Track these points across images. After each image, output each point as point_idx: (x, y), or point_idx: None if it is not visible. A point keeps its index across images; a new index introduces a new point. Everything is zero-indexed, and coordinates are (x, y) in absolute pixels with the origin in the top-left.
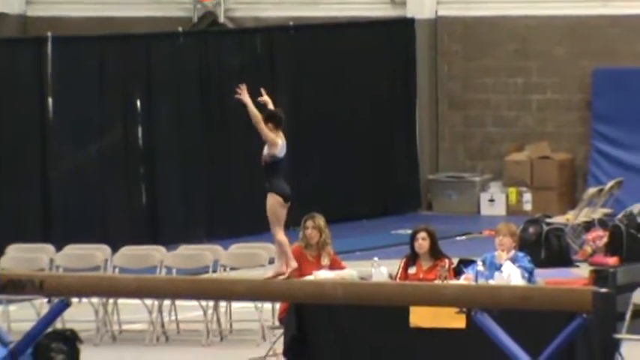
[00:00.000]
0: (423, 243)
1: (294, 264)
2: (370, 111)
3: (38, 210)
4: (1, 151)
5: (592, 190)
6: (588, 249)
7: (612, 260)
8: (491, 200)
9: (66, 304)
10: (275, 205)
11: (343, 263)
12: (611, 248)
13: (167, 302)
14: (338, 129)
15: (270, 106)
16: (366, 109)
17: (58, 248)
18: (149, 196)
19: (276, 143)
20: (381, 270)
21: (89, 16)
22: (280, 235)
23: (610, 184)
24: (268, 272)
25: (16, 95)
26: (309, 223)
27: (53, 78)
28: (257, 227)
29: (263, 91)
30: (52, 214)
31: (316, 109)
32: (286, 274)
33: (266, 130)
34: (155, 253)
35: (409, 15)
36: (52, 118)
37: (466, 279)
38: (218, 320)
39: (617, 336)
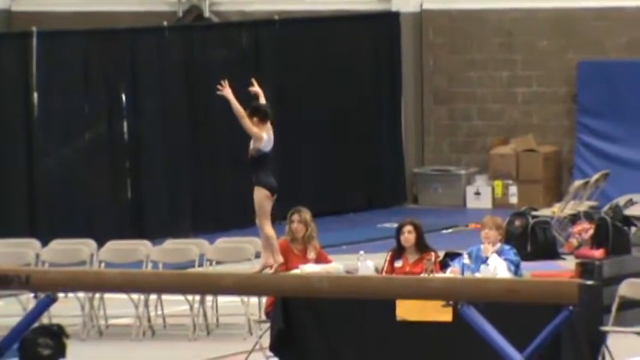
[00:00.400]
0: (409, 236)
1: (280, 258)
2: (356, 105)
3: (24, 205)
4: None
5: (578, 182)
6: (574, 242)
7: (598, 253)
8: (477, 193)
9: (52, 299)
10: (262, 198)
11: (329, 257)
12: (597, 241)
13: (153, 297)
14: (323, 123)
15: (262, 97)
16: (351, 103)
17: (44, 243)
18: (135, 190)
19: (261, 137)
20: (367, 263)
21: (74, 11)
22: (268, 228)
23: (596, 176)
24: (256, 267)
25: (1, 90)
26: (295, 217)
27: (38, 73)
28: (243, 221)
29: (254, 81)
30: (38, 209)
31: (302, 104)
32: (272, 269)
33: (249, 125)
34: (141, 247)
35: (394, 8)
36: (37, 112)
37: (452, 272)
38: (204, 314)
39: (604, 328)
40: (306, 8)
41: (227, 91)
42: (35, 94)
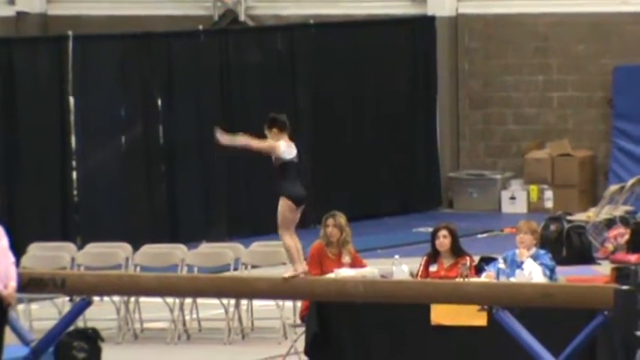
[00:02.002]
0: (444, 241)
1: (303, 267)
2: (391, 109)
3: (60, 209)
4: (23, 150)
5: (613, 187)
6: (610, 246)
7: (634, 257)
8: (513, 198)
9: (87, 303)
10: (285, 209)
11: (364, 261)
12: (632, 245)
13: (188, 300)
14: (359, 127)
15: (235, 143)
16: (386, 108)
17: (80, 247)
18: (170, 194)
19: (274, 146)
20: (402, 268)
21: (109, 15)
22: (286, 238)
23: (631, 181)
24: (289, 271)
25: (37, 94)
26: (330, 222)
27: (74, 77)
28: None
29: (218, 132)
30: (74, 212)
31: (337, 107)
32: (294, 275)
33: (257, 145)
34: (176, 251)
35: (430, 13)
36: (73, 116)
37: (487, 277)
38: (239, 318)
39: (639, 333)
40: (341, 12)
41: (225, 139)
42: (71, 98)
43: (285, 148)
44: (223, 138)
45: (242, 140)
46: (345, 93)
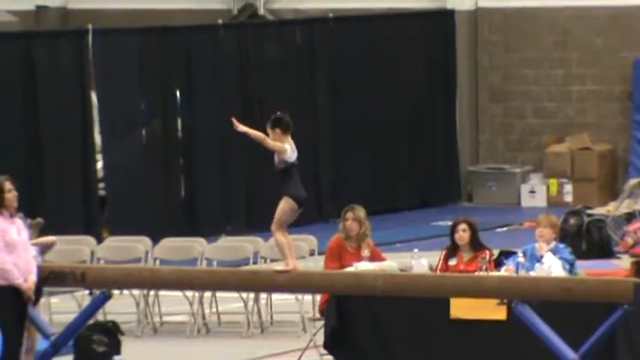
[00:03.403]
0: (463, 235)
1: (294, 263)
2: (410, 102)
3: (80, 202)
4: (44, 144)
5: (633, 181)
6: (629, 240)
7: None
8: (532, 192)
9: (107, 296)
10: (287, 209)
11: (383, 255)
12: None
13: (208, 294)
14: (378, 120)
15: (249, 132)
16: (406, 101)
17: (99, 240)
18: (189, 187)
19: (285, 149)
20: (422, 262)
21: (129, 9)
22: (279, 235)
23: None
24: (277, 266)
25: (58, 88)
26: (349, 215)
27: (94, 70)
28: (297, 219)
29: (235, 120)
30: (94, 206)
31: (356, 101)
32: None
33: (271, 144)
34: (196, 244)
35: (449, 6)
36: (94, 109)
37: (507, 270)
38: (259, 312)
39: None
40: (360, 6)
41: (241, 128)
42: (91, 91)
43: (291, 152)
44: (239, 127)
45: (257, 134)
46: (364, 87)
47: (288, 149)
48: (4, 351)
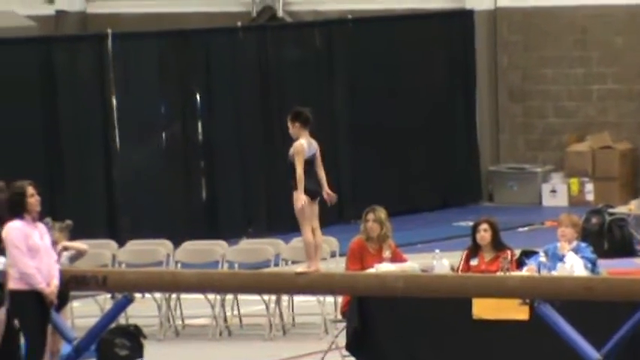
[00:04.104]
0: (484, 235)
1: (316, 266)
2: (430, 104)
3: (103, 205)
4: (65, 149)
5: None
6: None
7: None
8: (553, 191)
9: (129, 300)
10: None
11: (405, 256)
12: None
13: (229, 296)
14: (397, 122)
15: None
16: (425, 102)
17: (121, 244)
18: (209, 190)
19: (301, 151)
20: (443, 262)
21: (148, 12)
22: (308, 233)
23: None
24: (298, 268)
25: (77, 92)
26: (370, 216)
27: (114, 74)
28: (319, 220)
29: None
30: (116, 209)
31: (375, 102)
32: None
33: (299, 169)
34: (217, 247)
35: (468, 6)
36: (114, 113)
37: (529, 270)
38: (280, 314)
39: None
40: (379, 7)
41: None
42: (111, 95)
43: (307, 147)
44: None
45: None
46: (384, 88)
47: (303, 149)
48: (27, 356)
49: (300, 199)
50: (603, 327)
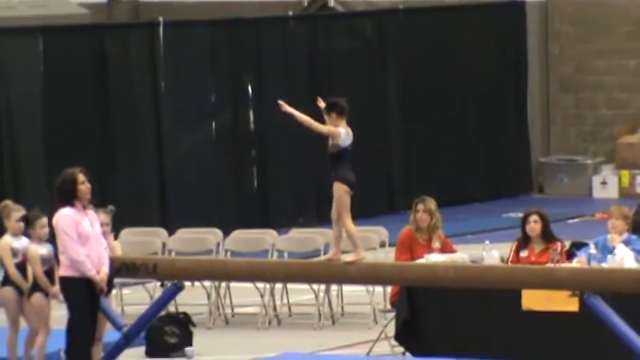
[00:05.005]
0: (534, 226)
1: (362, 254)
2: (481, 94)
3: (155, 194)
4: (116, 137)
5: None
6: None
7: None
8: (604, 183)
9: (179, 288)
10: (342, 193)
11: (454, 246)
12: None
13: (279, 285)
14: (448, 112)
15: (296, 114)
16: (476, 92)
17: (171, 232)
18: (260, 179)
19: (338, 133)
20: (493, 253)
21: (200, 1)
22: (349, 224)
23: None
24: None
25: (129, 80)
26: (420, 207)
27: (165, 62)
28: (368, 210)
29: (281, 103)
30: (167, 197)
31: (426, 93)
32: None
33: (320, 127)
34: (267, 236)
35: None
36: (165, 102)
37: (578, 262)
38: (330, 303)
39: None
40: None
41: (287, 108)
42: (162, 84)
43: (345, 136)
44: (285, 108)
45: (304, 117)
46: (434, 78)
47: (340, 134)
48: (76, 342)
49: (342, 188)
50: None
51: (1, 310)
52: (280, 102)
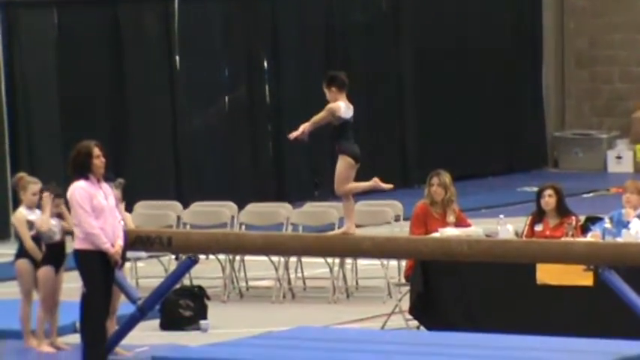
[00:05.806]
0: (549, 200)
1: (352, 228)
2: (495, 68)
3: (170, 167)
4: (131, 110)
5: None
6: None
7: None
8: (619, 157)
9: (193, 261)
10: (345, 166)
11: (469, 220)
12: None
13: (293, 259)
14: (463, 86)
15: (306, 128)
16: (491, 67)
17: (185, 205)
18: (276, 153)
19: (337, 107)
20: (507, 227)
21: None
22: (346, 197)
23: None
24: (337, 230)
25: (143, 53)
26: (435, 180)
27: (180, 36)
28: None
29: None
30: (182, 171)
31: (441, 67)
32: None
33: (321, 115)
34: (281, 210)
35: None
36: (180, 76)
37: (593, 236)
38: (344, 277)
39: None
40: None
41: (295, 134)
42: (177, 57)
43: (345, 109)
44: (293, 135)
45: (310, 123)
46: (450, 52)
47: (339, 107)
48: (90, 315)
49: (347, 161)
50: None
51: (15, 283)
52: (289, 136)
